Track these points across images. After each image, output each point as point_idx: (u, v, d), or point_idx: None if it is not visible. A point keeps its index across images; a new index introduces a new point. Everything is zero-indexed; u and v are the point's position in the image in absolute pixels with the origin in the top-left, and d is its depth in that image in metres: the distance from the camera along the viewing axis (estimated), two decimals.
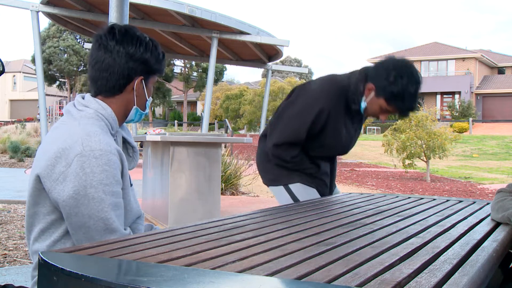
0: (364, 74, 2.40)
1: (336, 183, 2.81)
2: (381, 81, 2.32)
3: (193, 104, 51.83)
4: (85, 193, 1.44)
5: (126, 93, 1.64)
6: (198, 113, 47.34)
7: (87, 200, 1.45)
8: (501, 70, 46.22)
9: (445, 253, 1.22)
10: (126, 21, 3.26)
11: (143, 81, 1.66)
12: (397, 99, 2.30)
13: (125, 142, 1.75)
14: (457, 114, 37.85)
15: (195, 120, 44.63)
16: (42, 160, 1.50)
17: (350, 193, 2.63)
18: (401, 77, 2.26)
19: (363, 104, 2.41)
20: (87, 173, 1.44)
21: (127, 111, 1.67)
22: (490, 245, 1.37)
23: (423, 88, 2.36)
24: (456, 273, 1.06)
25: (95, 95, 1.65)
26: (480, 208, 2.14)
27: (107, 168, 1.47)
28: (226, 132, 22.49)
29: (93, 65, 1.64)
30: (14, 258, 3.97)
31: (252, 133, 32.52)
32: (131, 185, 1.65)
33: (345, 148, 2.58)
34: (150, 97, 1.72)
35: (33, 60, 37.14)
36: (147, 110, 1.75)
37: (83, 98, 1.64)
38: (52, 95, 45.72)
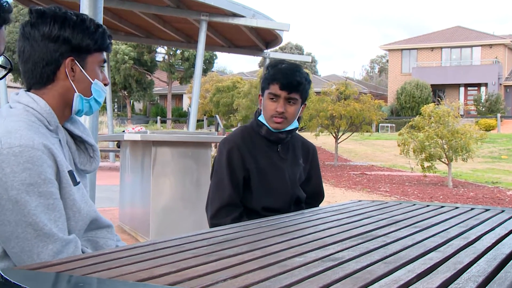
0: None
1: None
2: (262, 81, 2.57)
3: (178, 97, 51.85)
4: (8, 196, 1.43)
5: (60, 81, 1.63)
6: (185, 108, 47.38)
7: (11, 205, 1.43)
8: None
9: (469, 269, 1.23)
10: (101, 2, 3.26)
11: (76, 62, 1.63)
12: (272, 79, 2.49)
13: (83, 141, 1.73)
14: (483, 109, 37.96)
15: (180, 116, 44.66)
16: None
17: (360, 201, 2.64)
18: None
19: (261, 118, 2.54)
20: (7, 173, 1.43)
21: (69, 101, 1.65)
22: None
23: (445, 80, 2.36)
24: None
25: (28, 89, 1.65)
26: (510, 218, 2.15)
27: (30, 166, 1.45)
28: (216, 130, 22.52)
29: (18, 58, 1.64)
30: None
31: None
32: (78, 183, 1.62)
33: (283, 189, 2.57)
34: (96, 80, 1.68)
35: None
36: (101, 97, 1.70)
37: (17, 94, 1.64)
38: (16, 87, 45.64)
